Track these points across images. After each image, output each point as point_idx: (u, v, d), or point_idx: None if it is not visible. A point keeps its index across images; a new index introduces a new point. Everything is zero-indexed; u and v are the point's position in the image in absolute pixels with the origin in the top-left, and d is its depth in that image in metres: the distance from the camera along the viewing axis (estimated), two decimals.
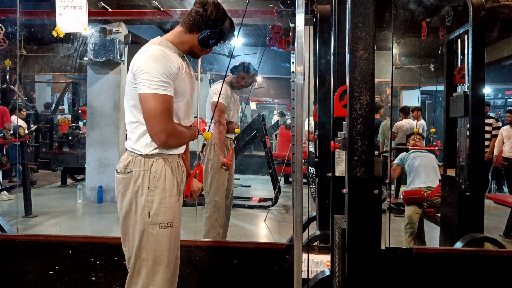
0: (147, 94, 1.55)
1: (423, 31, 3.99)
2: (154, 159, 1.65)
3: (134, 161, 1.66)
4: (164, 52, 1.60)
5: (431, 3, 4.41)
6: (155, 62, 1.56)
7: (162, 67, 1.56)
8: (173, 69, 1.59)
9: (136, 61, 1.61)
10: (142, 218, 1.64)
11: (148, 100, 1.56)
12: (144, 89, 1.56)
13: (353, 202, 1.55)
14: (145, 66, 1.56)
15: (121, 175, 1.68)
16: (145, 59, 1.57)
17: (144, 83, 1.55)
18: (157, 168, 1.65)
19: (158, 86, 1.55)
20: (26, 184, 4.93)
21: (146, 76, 1.55)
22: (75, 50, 7.25)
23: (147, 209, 1.63)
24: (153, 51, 1.60)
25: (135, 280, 1.67)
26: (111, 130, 5.82)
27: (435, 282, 2.32)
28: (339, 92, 1.72)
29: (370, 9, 1.51)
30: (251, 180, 7.91)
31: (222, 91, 3.19)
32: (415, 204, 3.56)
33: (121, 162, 1.70)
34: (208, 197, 3.23)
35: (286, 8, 3.73)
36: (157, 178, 1.64)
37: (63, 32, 2.95)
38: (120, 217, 1.71)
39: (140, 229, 1.64)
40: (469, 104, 2.83)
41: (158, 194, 1.64)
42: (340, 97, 1.72)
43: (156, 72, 1.55)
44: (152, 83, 1.55)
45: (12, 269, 2.48)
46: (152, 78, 1.55)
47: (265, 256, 2.44)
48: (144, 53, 1.60)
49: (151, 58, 1.57)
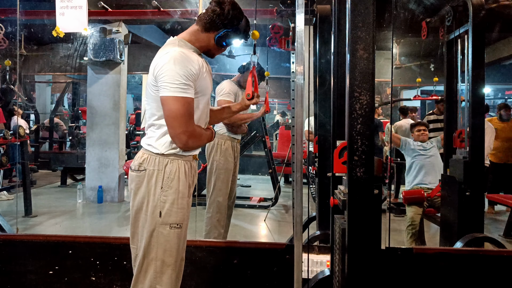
0: (169, 97, 1.58)
1: (423, 31, 4.00)
2: (169, 159, 1.67)
3: (149, 159, 1.67)
4: (184, 54, 1.61)
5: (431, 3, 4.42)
6: (176, 64, 1.57)
7: (182, 69, 1.57)
8: (194, 70, 1.61)
9: (157, 64, 1.62)
10: (153, 217, 1.65)
11: (169, 102, 1.58)
12: (165, 92, 1.58)
13: (353, 202, 1.55)
14: (166, 69, 1.58)
15: (134, 173, 1.70)
16: (166, 62, 1.59)
17: (165, 86, 1.57)
18: (172, 169, 1.66)
19: (179, 88, 1.57)
20: (26, 184, 4.93)
21: (167, 79, 1.57)
22: (75, 50, 7.25)
23: (159, 208, 1.64)
24: (173, 53, 1.60)
25: (142, 279, 1.67)
26: (111, 130, 5.82)
27: (435, 282, 2.32)
28: (338, 148, 1.70)
29: (370, 9, 1.51)
30: (251, 180, 7.91)
31: (228, 89, 3.19)
32: (415, 204, 3.56)
33: (136, 160, 1.71)
34: (211, 198, 3.22)
35: (286, 8, 3.73)
36: (171, 178, 1.65)
37: (63, 32, 2.95)
38: (131, 215, 1.72)
39: (150, 228, 1.65)
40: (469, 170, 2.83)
41: (171, 194, 1.65)
42: (340, 154, 1.71)
43: (176, 75, 1.57)
44: (173, 86, 1.56)
45: (12, 269, 2.48)
46: (173, 81, 1.56)
47: (265, 256, 2.44)
48: (164, 56, 1.61)
49: (171, 60, 1.58)
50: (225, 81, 3.29)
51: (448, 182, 3.09)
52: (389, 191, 5.34)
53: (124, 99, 6.03)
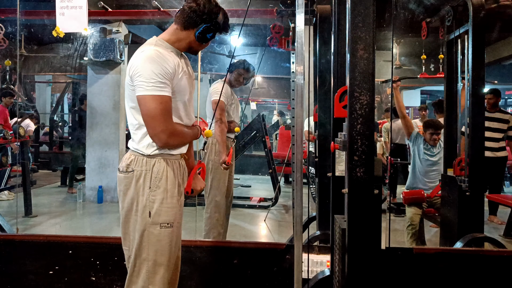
0: (145, 96, 1.56)
1: (423, 31, 4.00)
2: (156, 159, 1.66)
3: (136, 160, 1.66)
4: (159, 53, 1.60)
5: (431, 3, 4.42)
6: (151, 63, 1.56)
7: (157, 67, 1.56)
8: (169, 68, 1.59)
9: (132, 64, 1.61)
10: (143, 217, 1.64)
11: (146, 101, 1.56)
12: (141, 91, 1.56)
13: (353, 202, 1.55)
14: (141, 68, 1.56)
15: (123, 174, 1.69)
16: (141, 61, 1.58)
17: (141, 85, 1.56)
18: (159, 168, 1.65)
19: (155, 87, 1.55)
20: (26, 184, 4.92)
21: (142, 78, 1.55)
22: (75, 50, 7.25)
23: (148, 208, 1.64)
24: (148, 52, 1.60)
25: (135, 279, 1.67)
26: (111, 130, 5.82)
27: (435, 282, 2.32)
28: (339, 92, 1.72)
29: (370, 9, 1.51)
30: (251, 180, 7.90)
31: (223, 90, 3.19)
32: (415, 205, 3.56)
33: (123, 161, 1.71)
34: (209, 197, 3.22)
35: (286, 8, 3.73)
36: (159, 178, 1.65)
37: (63, 32, 2.95)
38: (121, 216, 1.72)
39: (140, 229, 1.64)
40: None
41: (160, 194, 1.64)
42: (340, 98, 1.72)
43: (152, 73, 1.55)
44: (149, 85, 1.55)
45: (12, 269, 2.48)
46: (149, 80, 1.55)
47: (265, 256, 2.44)
48: (139, 55, 1.61)
49: (146, 59, 1.57)
50: (219, 81, 3.34)
51: (448, 182, 3.09)
52: (389, 191, 5.33)
53: (124, 99, 6.02)
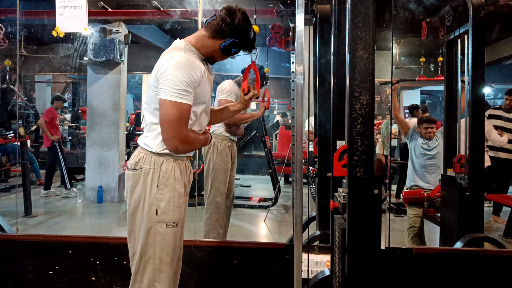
0: (166, 101, 1.58)
1: (423, 31, 4.00)
2: (164, 158, 1.68)
3: (144, 158, 1.69)
4: (189, 60, 1.62)
5: (431, 3, 4.42)
6: (179, 70, 1.58)
7: (185, 75, 1.58)
8: (196, 77, 1.62)
9: (161, 66, 1.63)
10: (150, 215, 1.66)
11: (166, 106, 1.58)
12: (164, 95, 1.59)
13: (353, 202, 1.55)
14: (170, 73, 1.58)
15: (131, 172, 1.71)
16: (170, 66, 1.59)
17: (166, 90, 1.58)
18: (167, 167, 1.68)
19: (178, 94, 1.57)
20: (26, 184, 4.92)
21: (168, 83, 1.58)
22: (75, 50, 7.25)
23: (155, 207, 1.65)
24: (178, 58, 1.61)
25: (140, 277, 1.68)
26: (111, 130, 5.82)
27: (435, 282, 2.32)
28: (338, 152, 1.71)
29: (370, 9, 1.51)
30: (251, 180, 7.90)
31: (229, 88, 3.18)
32: (415, 205, 3.55)
33: (132, 159, 1.73)
34: (209, 198, 3.22)
35: (286, 8, 3.74)
36: (167, 177, 1.67)
37: (63, 32, 2.95)
38: (128, 213, 1.73)
39: (146, 227, 1.66)
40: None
41: (167, 193, 1.67)
42: (340, 157, 1.71)
43: (178, 81, 1.57)
44: (173, 91, 1.57)
45: (12, 269, 2.48)
46: (174, 86, 1.57)
47: (265, 256, 2.44)
48: (169, 60, 1.62)
49: (177, 66, 1.59)
50: (227, 81, 3.28)
51: (448, 182, 3.09)
52: (389, 191, 5.33)
53: (124, 99, 6.03)
